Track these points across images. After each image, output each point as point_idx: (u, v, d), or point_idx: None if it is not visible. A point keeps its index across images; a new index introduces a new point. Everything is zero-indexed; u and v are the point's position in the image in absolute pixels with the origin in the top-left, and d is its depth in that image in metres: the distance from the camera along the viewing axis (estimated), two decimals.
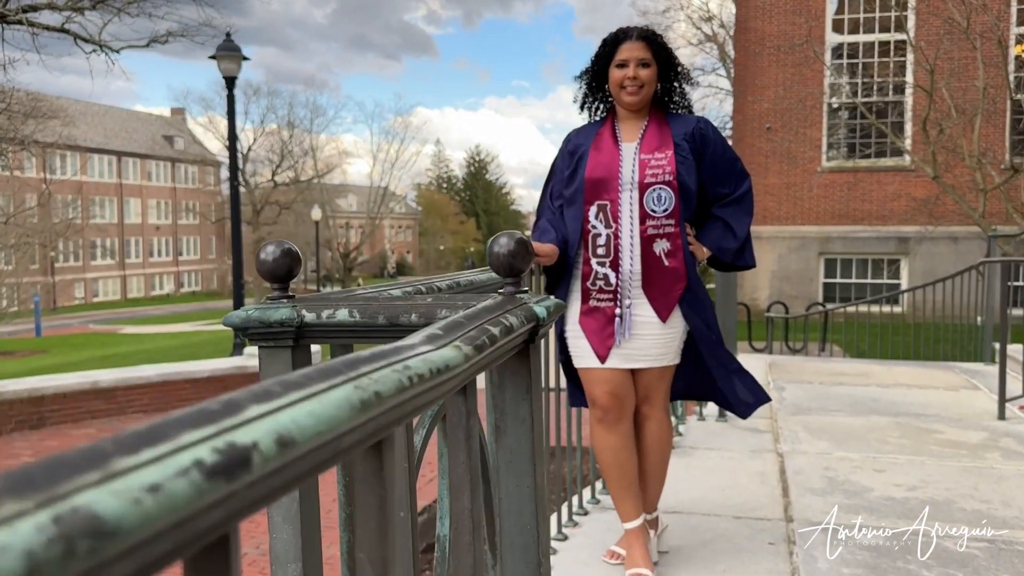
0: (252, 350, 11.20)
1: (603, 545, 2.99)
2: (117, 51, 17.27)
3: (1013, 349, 6.14)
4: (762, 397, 2.84)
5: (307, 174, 51.16)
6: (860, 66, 17.61)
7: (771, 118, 17.90)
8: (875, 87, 16.76)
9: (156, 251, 65.21)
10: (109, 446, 0.28)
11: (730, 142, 25.24)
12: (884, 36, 16.25)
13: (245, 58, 13.22)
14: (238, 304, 13.02)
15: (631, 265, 2.62)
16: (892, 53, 15.93)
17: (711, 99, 36.83)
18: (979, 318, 7.64)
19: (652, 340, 2.66)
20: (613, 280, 2.61)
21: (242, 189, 47.00)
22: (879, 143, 17.03)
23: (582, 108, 2.73)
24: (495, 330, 0.57)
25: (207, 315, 43.83)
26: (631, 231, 2.61)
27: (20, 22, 15.37)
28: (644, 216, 2.60)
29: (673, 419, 4.60)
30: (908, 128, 16.05)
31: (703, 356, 2.74)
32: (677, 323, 2.67)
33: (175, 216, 64.96)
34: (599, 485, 3.52)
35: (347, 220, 60.74)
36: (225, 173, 48.40)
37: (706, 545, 3.01)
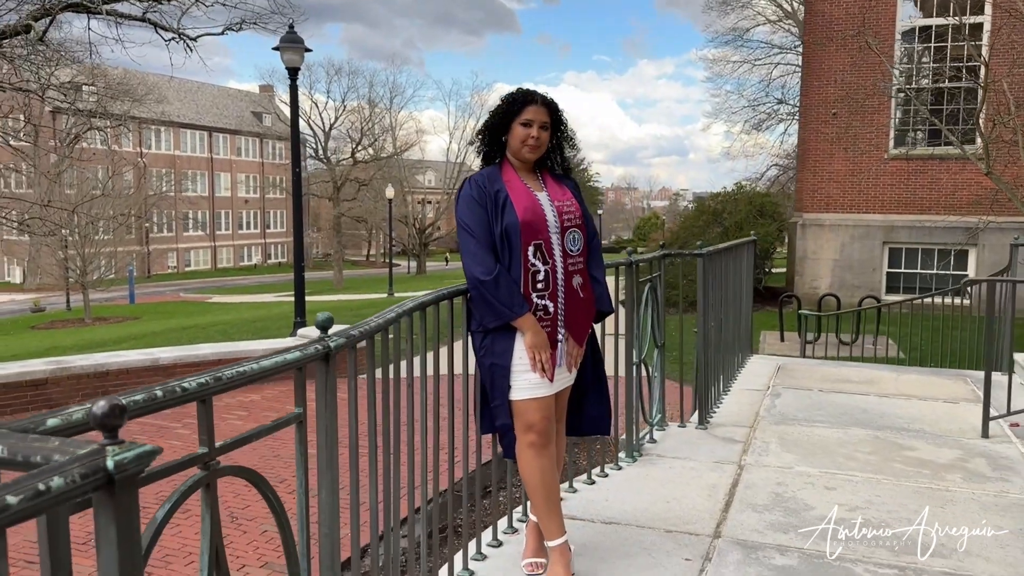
0: (305, 331, 11.78)
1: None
2: (194, 39, 18.07)
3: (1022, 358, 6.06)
4: (604, 429, 3.23)
5: (386, 151, 52.07)
6: (931, 50, 16.98)
7: (837, 103, 17.45)
8: (945, 74, 16.12)
9: (245, 223, 67.63)
10: None
11: (796, 126, 24.53)
12: (955, 20, 15.58)
13: (308, 50, 13.70)
14: (299, 286, 13.61)
15: (563, 297, 2.89)
16: (964, 37, 15.28)
17: (790, 78, 35.85)
18: None
19: (568, 366, 2.97)
20: (552, 310, 2.89)
21: (323, 166, 48.26)
22: (950, 128, 16.42)
23: (480, 154, 2.98)
24: (13, 499, 0.81)
25: (290, 286, 45.39)
26: (561, 267, 2.89)
27: (102, 12, 16.24)
28: (564, 255, 2.90)
29: (647, 427, 4.80)
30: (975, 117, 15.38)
31: (590, 376, 3.15)
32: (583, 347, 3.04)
33: (263, 190, 67.13)
34: (518, 511, 3.73)
35: (424, 196, 61.60)
36: (310, 151, 49.69)
37: (626, 558, 3.23)
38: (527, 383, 2.86)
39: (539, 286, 2.86)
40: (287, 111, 58.52)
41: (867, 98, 16.84)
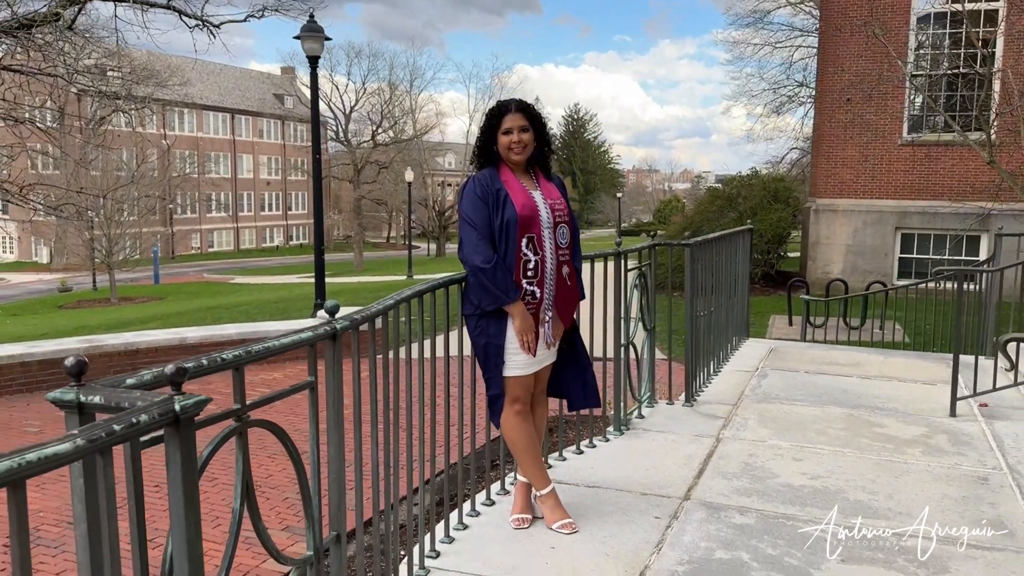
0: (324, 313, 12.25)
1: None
2: (217, 25, 18.49)
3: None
4: (593, 401, 3.64)
5: (407, 134, 52.43)
6: (947, 36, 17.09)
7: (852, 90, 17.60)
8: (961, 60, 16.23)
9: (267, 205, 68.42)
10: None
11: (812, 112, 24.53)
12: (970, 5, 15.69)
13: (327, 38, 14.10)
14: (319, 268, 14.08)
15: (551, 285, 3.32)
16: (978, 24, 15.40)
17: (812, 60, 35.72)
18: None
19: (553, 344, 3.40)
20: (539, 295, 3.31)
21: (343, 149, 48.70)
22: (962, 116, 16.56)
23: (476, 164, 3.39)
24: (117, 427, 1.25)
25: (311, 267, 46.12)
26: (552, 258, 3.31)
27: (129, 0, 16.70)
28: (555, 247, 3.32)
29: (635, 404, 5.20)
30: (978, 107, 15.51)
31: (575, 354, 3.56)
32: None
33: (285, 172, 67.83)
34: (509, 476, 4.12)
35: (444, 178, 61.96)
36: (331, 133, 50.16)
37: (603, 516, 3.65)
38: (516, 363, 3.31)
39: (529, 274, 3.28)
40: (308, 93, 58.79)
41: (880, 85, 16.98)
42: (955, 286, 5.30)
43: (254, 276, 43.47)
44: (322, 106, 57.21)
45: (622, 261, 4.69)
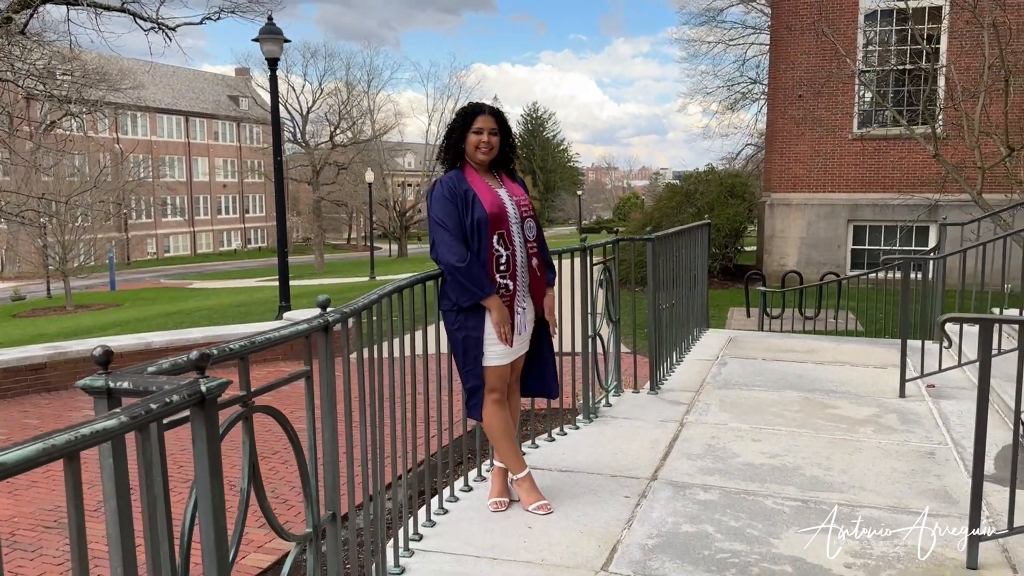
0: (291, 314, 12.28)
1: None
2: (173, 28, 18.35)
3: (952, 329, 6.69)
4: (552, 392, 3.84)
5: (365, 134, 52.24)
6: (893, 33, 17.63)
7: (803, 86, 18.07)
8: (907, 56, 16.77)
9: (224, 208, 67.66)
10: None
11: (766, 108, 25.02)
12: (914, 2, 16.22)
13: (286, 40, 14.10)
14: (283, 271, 14.11)
15: (522, 277, 3.50)
16: (922, 21, 15.94)
17: (764, 58, 36.41)
18: (1007, 286, 8.08)
19: (527, 333, 3.58)
20: (512, 287, 3.49)
21: (301, 150, 48.38)
22: (909, 110, 17.11)
23: (443, 161, 3.55)
24: (154, 405, 1.39)
25: (272, 271, 45.71)
26: (522, 251, 3.48)
27: (81, 3, 16.52)
28: (524, 241, 3.50)
29: (601, 392, 5.41)
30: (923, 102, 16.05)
31: (539, 347, 3.74)
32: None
33: (241, 175, 67.13)
34: (486, 464, 4.31)
35: (404, 178, 61.85)
36: (288, 135, 49.79)
37: (575, 497, 3.84)
38: (494, 354, 3.48)
39: (502, 268, 3.46)
40: (264, 95, 57.98)
41: (830, 81, 17.46)
42: (902, 274, 5.58)
43: (212, 280, 43.02)
44: (280, 108, 56.85)
45: (587, 256, 4.88)
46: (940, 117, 11.47)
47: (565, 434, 4.79)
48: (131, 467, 1.47)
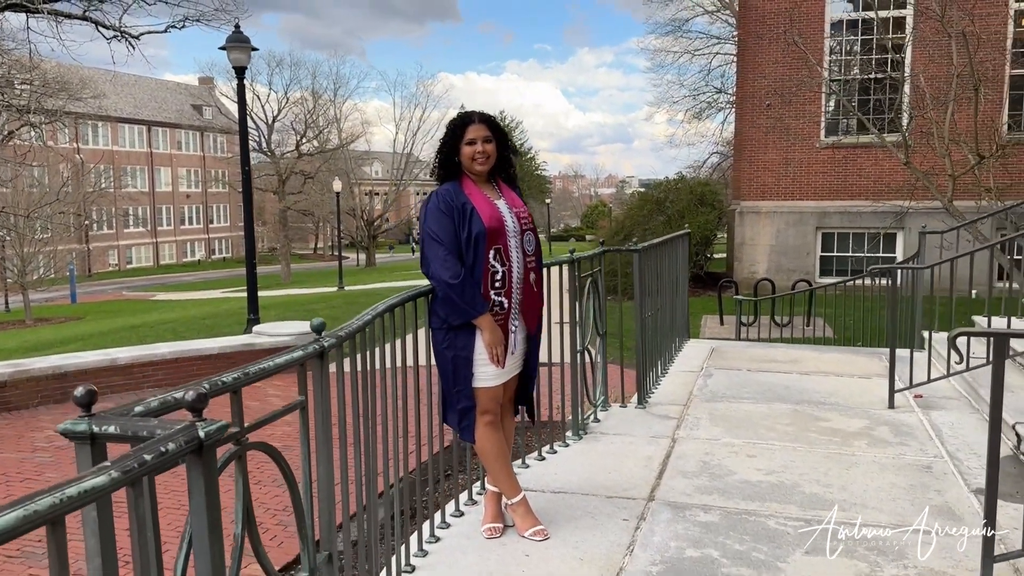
0: (260, 328, 11.99)
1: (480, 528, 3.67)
2: (137, 36, 18.00)
3: (935, 337, 6.67)
4: (528, 411, 3.73)
5: (332, 143, 51.78)
6: (859, 42, 17.82)
7: (771, 95, 18.18)
8: (873, 65, 16.96)
9: (187, 219, 66.64)
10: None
11: (733, 116, 25.32)
12: (881, 13, 16.41)
13: (254, 48, 13.84)
14: (251, 283, 13.83)
15: (519, 294, 3.34)
16: (888, 31, 16.11)
17: (729, 67, 36.78)
18: (973, 292, 8.10)
19: (519, 352, 3.42)
20: (506, 306, 3.33)
21: (267, 159, 47.82)
22: (877, 119, 17.29)
23: (438, 176, 3.38)
24: (148, 456, 1.22)
25: (236, 282, 45.06)
26: (519, 267, 3.34)
27: (41, 11, 16.11)
28: (523, 255, 3.35)
29: (591, 408, 5.27)
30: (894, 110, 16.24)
31: (527, 365, 3.57)
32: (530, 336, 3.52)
33: (205, 184, 66.18)
34: (476, 486, 4.13)
35: (372, 187, 61.41)
36: (253, 144, 49.18)
37: (572, 521, 3.69)
38: (485, 375, 3.32)
39: (497, 285, 3.30)
40: (228, 104, 57.20)
41: (799, 90, 17.58)
42: (889, 283, 5.53)
43: (176, 292, 42.27)
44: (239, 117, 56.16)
45: (576, 267, 4.75)
46: (910, 125, 11.54)
47: (555, 452, 4.64)
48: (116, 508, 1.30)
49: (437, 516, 3.65)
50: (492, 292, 3.30)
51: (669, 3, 37.75)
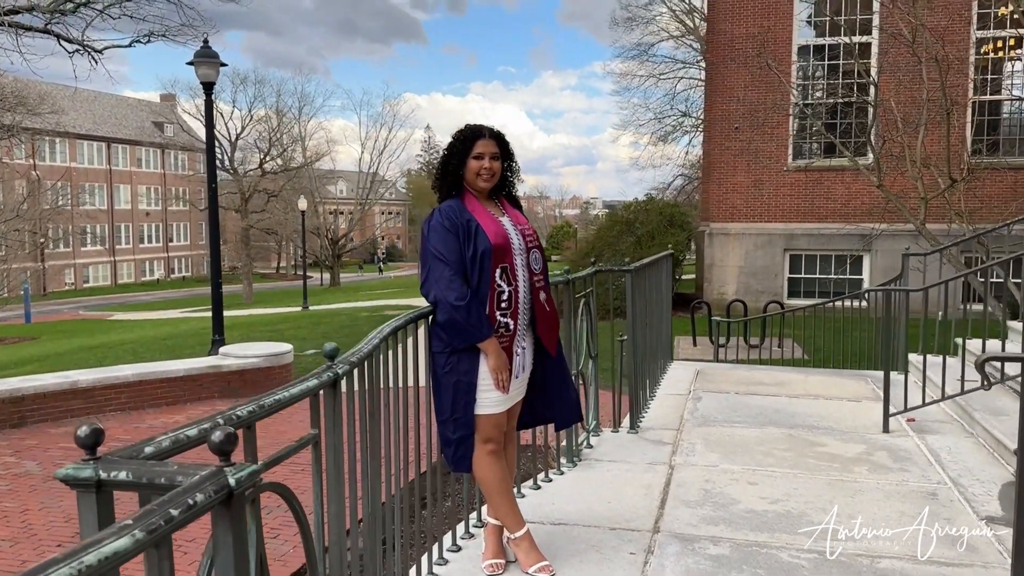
0: (227, 349, 11.64)
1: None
2: (100, 51, 17.59)
3: (916, 359, 6.62)
4: (576, 416, 3.55)
5: (296, 162, 51.28)
6: (826, 67, 18.07)
7: (740, 118, 18.33)
8: (839, 90, 17.19)
9: (146, 237, 65.44)
10: None
11: (700, 138, 25.68)
12: (847, 39, 16.65)
13: (223, 64, 13.58)
14: (216, 303, 13.48)
15: (526, 315, 3.17)
16: (855, 57, 16.34)
17: (694, 91, 37.21)
18: (939, 313, 8.11)
19: (524, 376, 3.24)
20: (512, 327, 3.16)
21: (230, 177, 47.18)
22: (845, 142, 17.49)
23: (439, 191, 3.21)
24: (175, 512, 1.03)
25: (196, 301, 44.20)
26: (525, 286, 3.18)
27: (2, 23, 15.67)
28: (529, 274, 3.18)
29: (584, 433, 5.11)
30: (874, 129, 16.45)
31: (559, 378, 3.40)
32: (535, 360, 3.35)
33: (165, 202, 65.07)
34: (473, 516, 3.92)
35: (337, 206, 60.94)
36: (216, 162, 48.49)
37: (577, 555, 3.51)
38: (489, 401, 3.12)
39: (503, 305, 3.13)
40: (191, 121, 56.38)
41: (767, 113, 17.74)
42: (884, 306, 5.47)
43: (135, 312, 41.29)
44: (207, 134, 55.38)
45: (570, 288, 4.60)
46: (882, 148, 11.64)
47: (551, 480, 4.46)
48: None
49: (435, 550, 3.44)
50: (498, 313, 3.13)
51: (635, 28, 38.03)
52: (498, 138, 3.21)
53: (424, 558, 3.33)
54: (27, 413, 9.04)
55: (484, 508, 3.49)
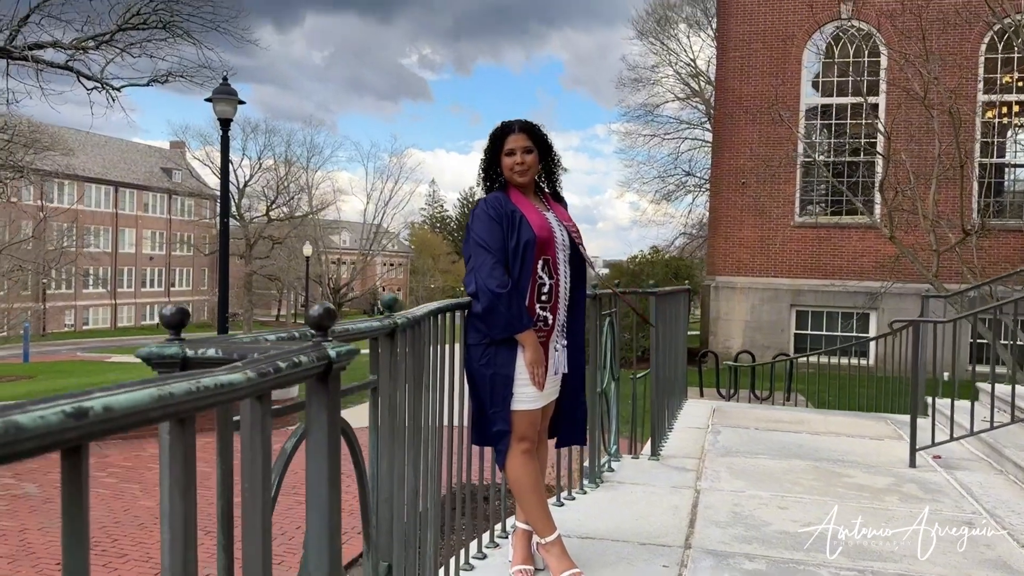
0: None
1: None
2: (118, 89, 17.83)
3: (942, 403, 6.52)
4: (581, 439, 3.47)
5: (302, 210, 51.63)
6: (833, 127, 18.30)
7: (747, 174, 18.49)
8: (846, 148, 17.39)
9: (149, 281, 65.48)
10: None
11: (703, 197, 25.92)
12: (855, 99, 16.90)
13: (241, 102, 13.75)
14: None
15: (564, 311, 3.11)
16: (864, 115, 16.56)
17: (698, 151, 37.67)
18: (945, 374, 8.05)
19: (558, 379, 3.18)
20: (551, 321, 3.10)
21: (236, 223, 47.46)
22: (851, 196, 17.61)
23: (484, 186, 3.19)
24: (282, 364, 0.97)
25: None
26: (566, 281, 3.12)
27: (25, 59, 15.91)
28: (572, 269, 3.22)
29: (606, 456, 4.99)
30: (878, 187, 16.59)
31: (573, 394, 3.33)
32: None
33: (169, 247, 65.33)
34: (498, 527, 3.82)
35: (339, 256, 61.15)
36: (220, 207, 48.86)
37: (608, 566, 3.38)
38: (525, 396, 3.04)
39: (543, 298, 3.08)
40: (199, 168, 56.87)
41: (775, 169, 17.91)
42: (913, 341, 5.40)
43: (132, 355, 41.03)
44: (213, 180, 55.81)
45: (598, 305, 4.55)
46: (895, 201, 11.70)
47: (574, 499, 4.34)
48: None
49: (463, 555, 3.31)
50: (538, 306, 3.07)
51: (640, 89, 38.71)
52: (529, 130, 3.16)
53: (452, 560, 3.20)
54: None
55: (515, 515, 3.37)
